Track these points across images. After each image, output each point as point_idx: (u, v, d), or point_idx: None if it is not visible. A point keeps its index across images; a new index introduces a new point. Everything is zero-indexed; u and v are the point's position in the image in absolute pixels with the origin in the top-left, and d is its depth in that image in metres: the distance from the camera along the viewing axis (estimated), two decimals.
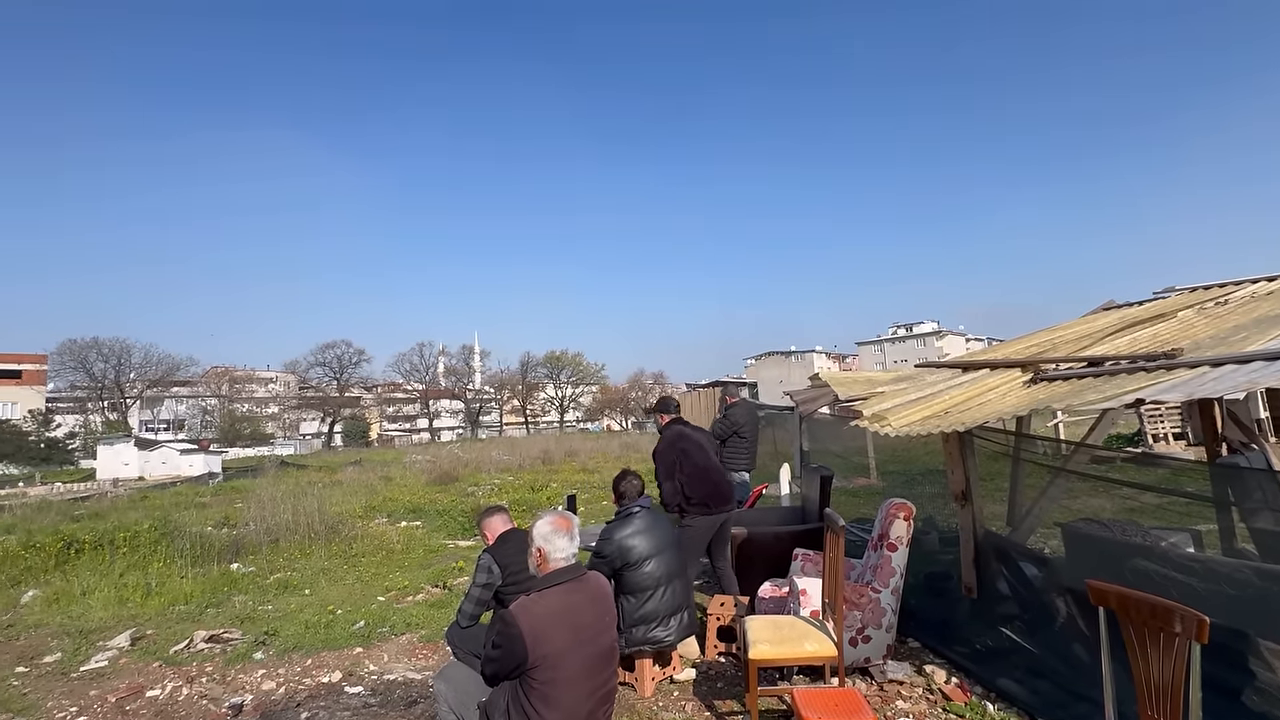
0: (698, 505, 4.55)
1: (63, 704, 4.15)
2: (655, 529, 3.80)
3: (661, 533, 3.85)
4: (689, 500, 4.55)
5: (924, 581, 4.92)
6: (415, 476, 19.23)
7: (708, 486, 4.58)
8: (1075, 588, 3.49)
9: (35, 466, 39.16)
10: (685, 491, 4.54)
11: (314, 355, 67.69)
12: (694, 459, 4.61)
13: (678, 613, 3.70)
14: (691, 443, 4.71)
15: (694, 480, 4.56)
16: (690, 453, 4.63)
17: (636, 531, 3.72)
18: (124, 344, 56.37)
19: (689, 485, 4.55)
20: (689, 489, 4.54)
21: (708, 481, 4.60)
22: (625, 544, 3.65)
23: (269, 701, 4.07)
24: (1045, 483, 4.36)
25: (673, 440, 4.71)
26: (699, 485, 4.56)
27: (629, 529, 3.73)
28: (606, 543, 3.68)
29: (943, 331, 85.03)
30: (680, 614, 3.73)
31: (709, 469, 4.66)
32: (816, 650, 3.14)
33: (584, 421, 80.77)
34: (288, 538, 8.64)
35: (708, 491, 4.56)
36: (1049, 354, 4.00)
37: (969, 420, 3.08)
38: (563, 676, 2.34)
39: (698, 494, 4.54)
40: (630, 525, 3.76)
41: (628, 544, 3.65)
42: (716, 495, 4.60)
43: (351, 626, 5.38)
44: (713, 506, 4.56)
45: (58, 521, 11.87)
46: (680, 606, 3.73)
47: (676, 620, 3.69)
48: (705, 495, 4.55)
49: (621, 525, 3.76)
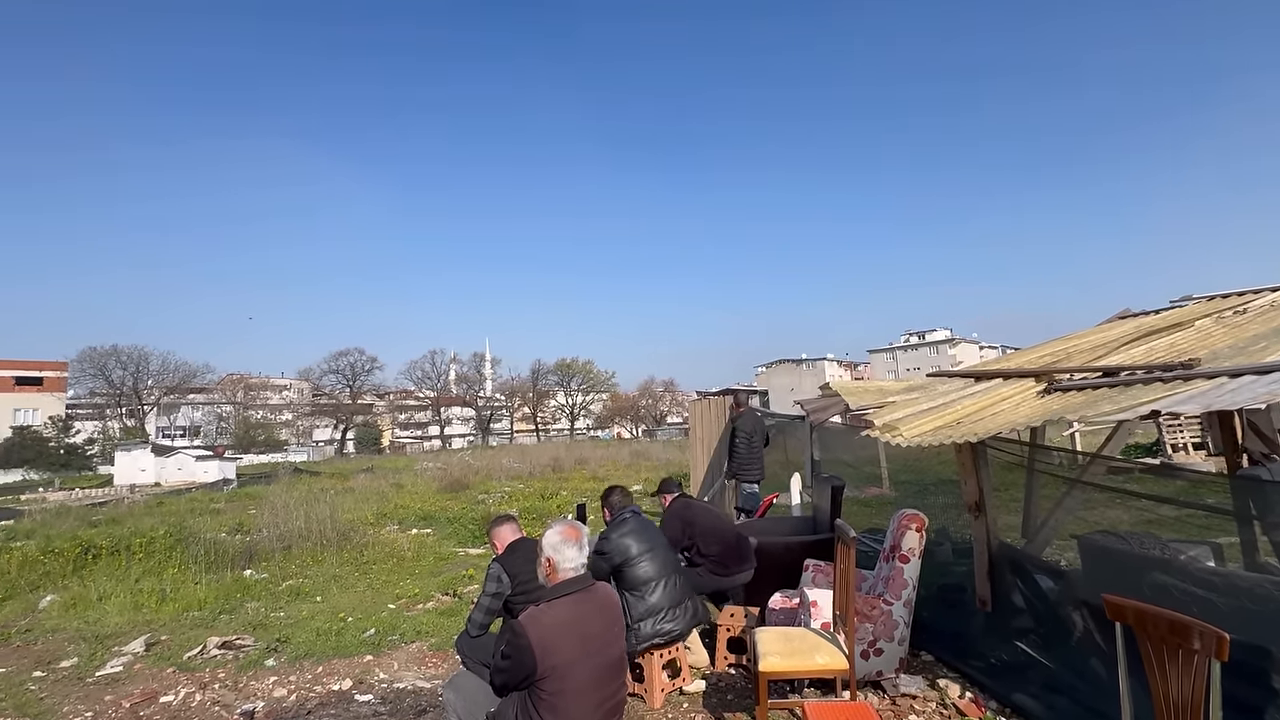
0: (714, 563, 4.38)
1: (78, 709, 4.19)
2: (647, 530, 4.03)
3: (651, 532, 4.11)
4: (706, 557, 4.40)
5: (937, 593, 4.86)
6: (426, 484, 19.30)
7: (720, 543, 4.41)
8: (1092, 602, 3.43)
9: (55, 472, 39.81)
10: (701, 550, 4.39)
11: (327, 363, 68.50)
12: (702, 521, 4.48)
13: (682, 603, 3.80)
14: (698, 509, 4.62)
15: (706, 537, 4.41)
16: (697, 518, 4.49)
17: (632, 531, 3.96)
18: (142, 351, 57.37)
19: (703, 544, 4.40)
20: (704, 547, 4.39)
21: (722, 540, 4.42)
22: (623, 541, 3.84)
23: (280, 708, 4.10)
24: (1061, 494, 4.30)
25: (678, 510, 4.58)
26: (712, 541, 4.40)
27: (625, 529, 3.96)
28: (606, 541, 3.85)
29: (956, 339, 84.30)
30: (684, 604, 3.82)
31: (720, 528, 4.51)
32: (828, 663, 3.11)
33: (594, 429, 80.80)
34: (300, 544, 8.71)
35: (722, 549, 4.39)
36: (1063, 364, 3.95)
37: (981, 431, 3.05)
38: (571, 687, 2.34)
39: (713, 550, 4.37)
40: (626, 526, 3.99)
41: (625, 541, 3.84)
42: (733, 553, 4.42)
43: (362, 634, 5.40)
44: (730, 566, 4.39)
45: (76, 527, 12.03)
46: (683, 598, 3.83)
47: (682, 610, 3.78)
48: (720, 552, 4.38)
49: (618, 527, 3.99)
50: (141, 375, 57.60)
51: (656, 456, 28.66)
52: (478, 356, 79.26)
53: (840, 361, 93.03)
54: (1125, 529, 3.96)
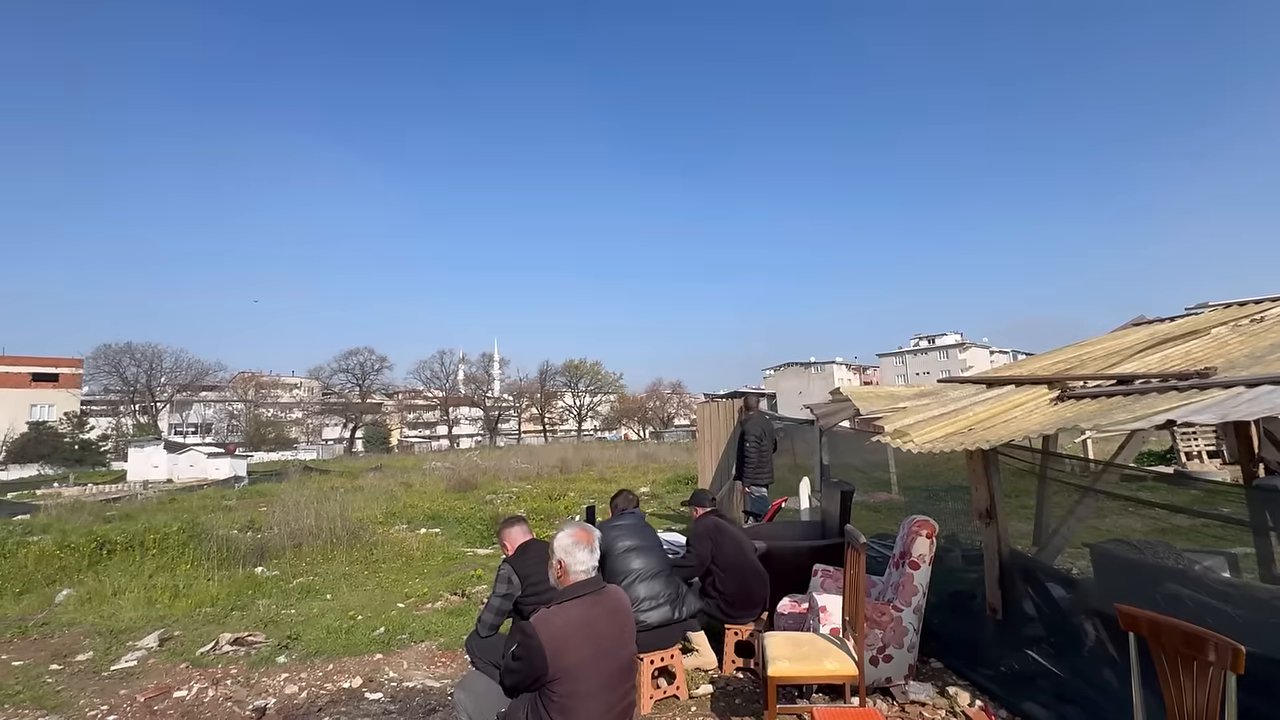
0: (724, 601, 4.29)
1: (94, 702, 4.26)
2: (643, 530, 4.17)
3: (647, 532, 4.22)
4: (720, 594, 4.30)
5: (947, 600, 4.83)
6: (434, 483, 19.40)
7: (738, 583, 4.30)
8: (1105, 611, 3.40)
9: (69, 467, 40.34)
10: (716, 585, 4.31)
11: (337, 362, 69.07)
12: (728, 553, 4.36)
13: (665, 595, 3.86)
14: (729, 536, 4.43)
15: (726, 571, 4.32)
16: (724, 547, 4.37)
17: (625, 527, 4.13)
18: (156, 349, 58.06)
19: (719, 578, 4.32)
20: (719, 582, 4.31)
21: (741, 580, 4.31)
22: (612, 534, 3.98)
23: (291, 705, 4.14)
24: (1073, 502, 4.27)
25: (710, 527, 4.44)
26: (730, 579, 4.30)
27: (619, 524, 4.17)
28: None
29: (966, 344, 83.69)
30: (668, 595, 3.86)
31: (744, 566, 4.35)
32: (837, 669, 3.11)
33: (601, 430, 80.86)
34: (311, 542, 8.78)
35: (736, 589, 4.29)
36: (1076, 371, 3.93)
37: (994, 438, 3.04)
38: (583, 689, 2.35)
39: (728, 588, 4.29)
40: (620, 520, 4.24)
41: (614, 534, 3.99)
42: (746, 598, 4.31)
43: (372, 633, 5.44)
44: (737, 608, 4.29)
45: (90, 522, 12.19)
46: (659, 594, 3.85)
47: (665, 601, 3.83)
48: (734, 592, 4.28)
49: (614, 521, 4.26)
50: (155, 373, 58.30)
51: (664, 458, 28.63)
52: (486, 357, 79.62)
53: (849, 365, 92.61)
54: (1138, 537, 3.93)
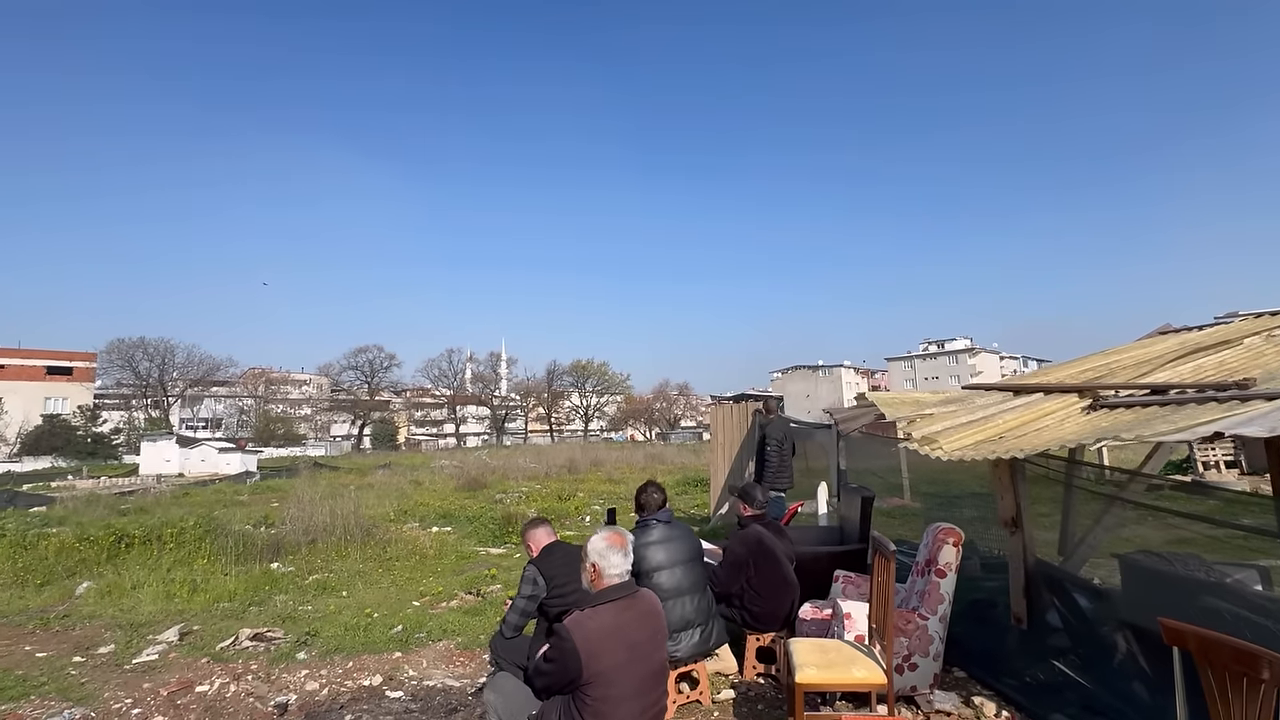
0: (750, 616, 4.14)
1: (118, 695, 4.29)
2: (675, 541, 3.80)
3: (681, 545, 3.83)
4: (745, 609, 4.14)
5: (968, 609, 4.79)
6: (444, 482, 19.46)
7: (771, 602, 4.11)
8: (1135, 623, 3.37)
9: (82, 460, 40.71)
10: (745, 602, 4.14)
11: (346, 359, 69.38)
12: (766, 570, 4.13)
13: (689, 628, 3.62)
14: (771, 553, 4.16)
15: (761, 589, 4.11)
16: (763, 564, 4.15)
17: (654, 541, 3.73)
18: (168, 344, 58.61)
19: (751, 594, 4.12)
20: (749, 600, 4.12)
21: (775, 596, 4.11)
22: (644, 551, 3.64)
23: (313, 702, 4.15)
24: (1100, 511, 4.23)
25: (753, 543, 4.18)
26: (765, 595, 4.10)
27: (647, 538, 3.73)
28: None
29: (976, 349, 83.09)
30: (691, 630, 3.63)
31: (779, 583, 4.12)
32: (865, 677, 3.09)
33: (608, 431, 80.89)
34: (325, 539, 8.82)
35: (765, 606, 4.10)
36: (1106, 379, 3.89)
37: (1028, 446, 3.01)
38: (616, 694, 2.35)
39: (757, 606, 4.10)
40: (649, 534, 3.76)
41: (642, 552, 3.62)
42: (773, 612, 4.12)
43: (389, 631, 5.46)
44: (762, 621, 4.13)
45: (105, 515, 12.30)
46: (691, 623, 3.64)
47: (686, 636, 3.60)
48: (763, 612, 4.10)
49: (640, 534, 3.75)
50: (167, 367, 58.84)
51: (671, 460, 28.60)
52: (494, 356, 79.82)
53: (857, 369, 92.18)
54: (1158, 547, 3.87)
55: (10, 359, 51.61)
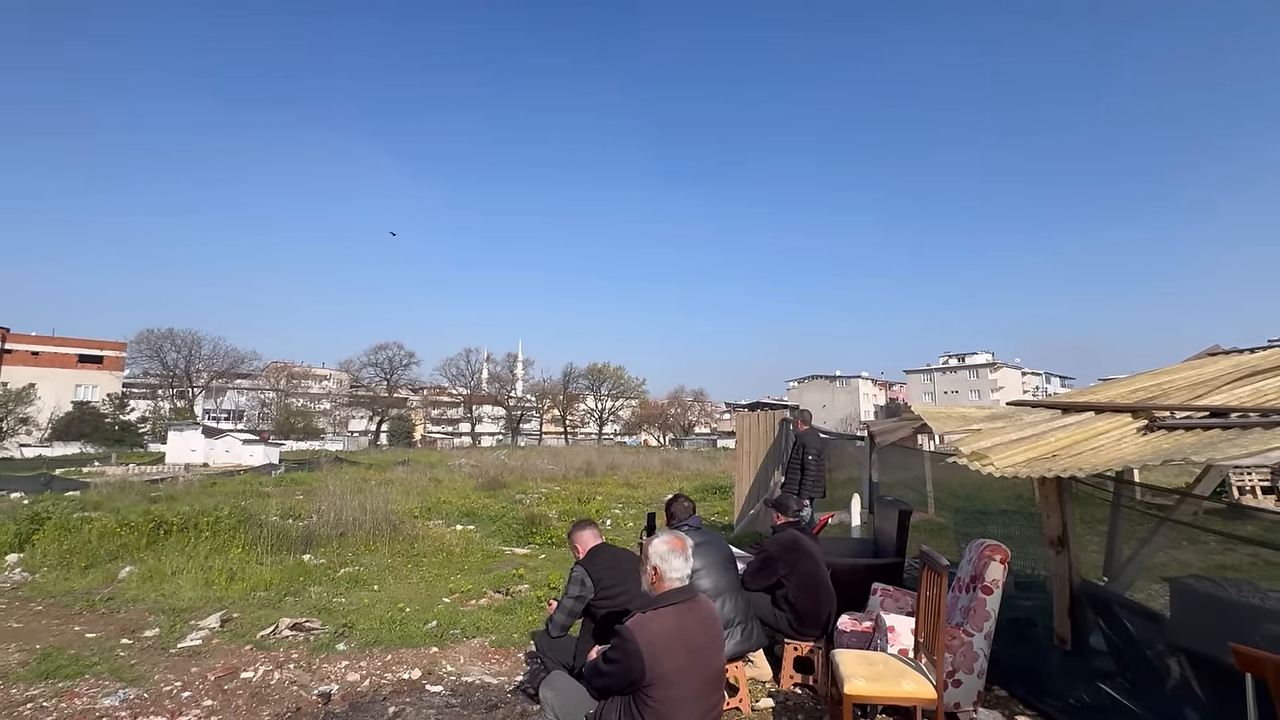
0: (794, 614, 4.17)
1: (168, 678, 4.40)
2: (707, 545, 3.89)
3: (713, 549, 3.94)
4: (791, 606, 4.19)
5: (1006, 627, 4.73)
6: (463, 480, 19.63)
7: (812, 601, 4.15)
8: (1190, 648, 3.32)
9: (110, 447, 41.67)
10: (790, 598, 4.18)
11: (367, 355, 70.37)
12: (803, 568, 4.20)
13: (729, 627, 3.71)
14: (806, 552, 4.25)
15: (802, 591, 4.16)
16: (801, 564, 4.21)
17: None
18: (195, 336, 59.90)
19: (793, 594, 4.17)
20: (793, 597, 4.17)
21: (815, 596, 4.16)
22: None
23: (355, 693, 4.23)
24: (1149, 532, 4.17)
25: (788, 542, 4.30)
26: (805, 596, 4.15)
27: None
28: None
29: (997, 363, 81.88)
30: (732, 629, 3.73)
31: (820, 585, 4.18)
32: (914, 691, 3.08)
33: (622, 435, 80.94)
34: (353, 533, 8.95)
35: (809, 606, 4.14)
36: (1160, 400, 3.84)
37: (1086, 465, 2.99)
38: (677, 696, 2.38)
39: (801, 604, 4.15)
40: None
41: None
42: (816, 616, 4.16)
43: (424, 626, 5.54)
44: (806, 625, 4.16)
45: (137, 502, 12.58)
46: (731, 621, 3.75)
47: (728, 635, 3.66)
48: (806, 608, 4.14)
49: None
50: (193, 359, 60.09)
51: (687, 466, 28.58)
52: (511, 357, 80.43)
53: (875, 381, 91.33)
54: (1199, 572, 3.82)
55: (44, 346, 53.00)
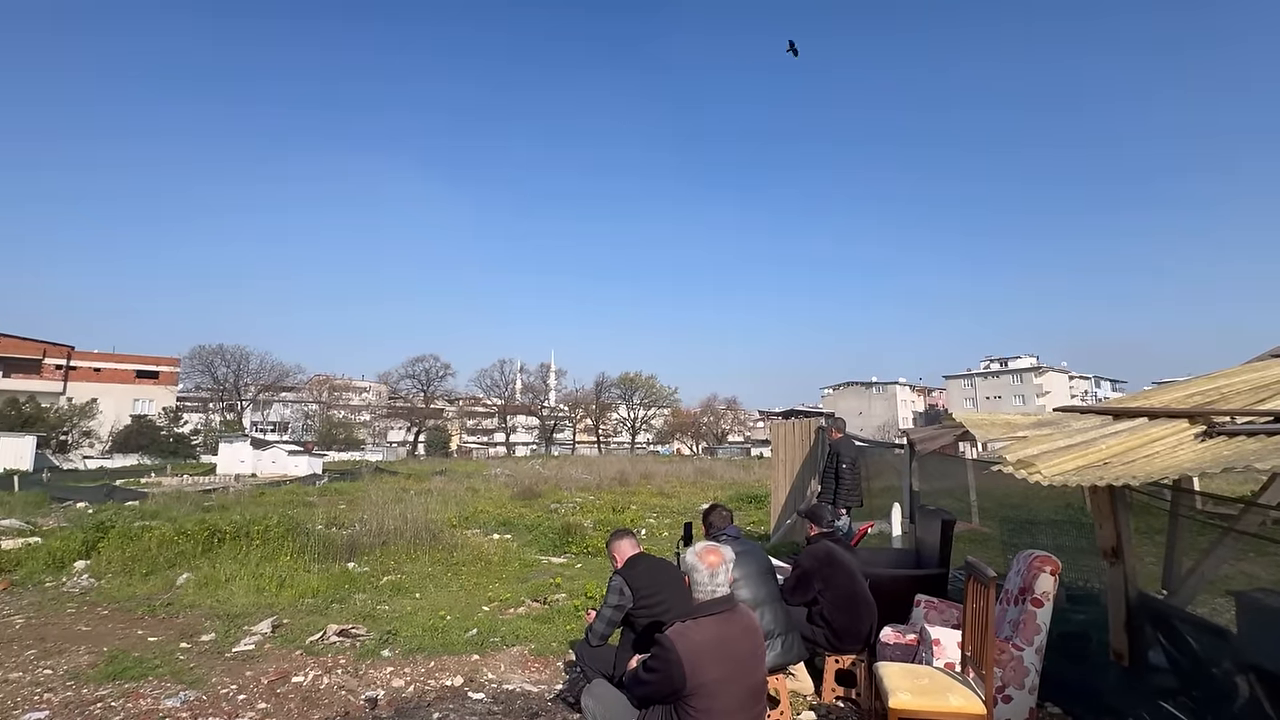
0: (829, 631, 4.10)
1: (224, 680, 4.58)
2: (746, 555, 3.87)
3: (752, 559, 3.93)
4: (827, 623, 4.12)
5: (1056, 642, 4.55)
6: (499, 490, 19.89)
7: (850, 616, 4.08)
8: (1260, 665, 3.16)
9: (165, 458, 43.62)
10: (825, 615, 4.12)
11: (404, 368, 72.30)
12: (840, 584, 4.13)
13: (770, 638, 3.68)
14: (841, 566, 4.19)
15: (838, 606, 4.10)
16: (836, 578, 4.15)
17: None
18: (243, 351, 62.47)
19: (829, 609, 4.11)
20: (829, 612, 4.11)
21: (853, 610, 4.09)
22: None
23: (400, 698, 4.33)
24: (1210, 543, 3.98)
25: (822, 556, 4.24)
26: (841, 611, 4.09)
27: None
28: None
29: (1042, 367, 79.03)
30: (772, 640, 3.69)
31: (857, 598, 4.12)
32: (963, 706, 3.01)
33: (655, 444, 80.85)
34: (395, 541, 9.17)
35: (846, 621, 4.08)
36: (1219, 405, 3.67)
37: (1140, 474, 2.88)
38: (719, 706, 2.38)
39: (838, 620, 4.09)
40: None
41: None
42: (854, 630, 4.09)
43: (465, 634, 5.63)
44: (844, 640, 4.09)
45: (191, 511, 13.14)
46: (771, 633, 3.71)
47: (769, 647, 3.63)
48: (844, 624, 4.08)
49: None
50: (242, 373, 62.60)
51: (721, 475, 28.38)
52: (544, 367, 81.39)
53: (913, 387, 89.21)
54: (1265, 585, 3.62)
55: (105, 363, 55.93)
